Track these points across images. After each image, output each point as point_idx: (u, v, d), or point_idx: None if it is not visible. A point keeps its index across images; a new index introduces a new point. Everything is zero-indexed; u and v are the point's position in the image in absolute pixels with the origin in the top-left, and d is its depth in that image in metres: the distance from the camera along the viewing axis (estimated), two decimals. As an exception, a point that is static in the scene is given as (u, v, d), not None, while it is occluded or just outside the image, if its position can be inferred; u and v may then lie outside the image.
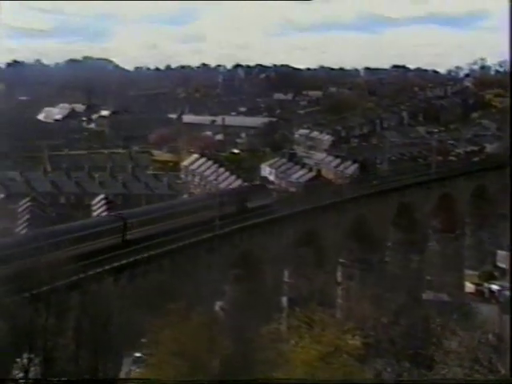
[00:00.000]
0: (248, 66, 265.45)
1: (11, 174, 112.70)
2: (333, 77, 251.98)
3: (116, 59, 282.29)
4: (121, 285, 53.31)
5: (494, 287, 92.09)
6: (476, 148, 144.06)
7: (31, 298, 43.18)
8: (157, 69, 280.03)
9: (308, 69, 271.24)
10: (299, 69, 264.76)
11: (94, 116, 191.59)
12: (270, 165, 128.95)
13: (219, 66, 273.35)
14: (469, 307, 72.88)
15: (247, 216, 70.93)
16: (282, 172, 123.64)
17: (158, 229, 61.78)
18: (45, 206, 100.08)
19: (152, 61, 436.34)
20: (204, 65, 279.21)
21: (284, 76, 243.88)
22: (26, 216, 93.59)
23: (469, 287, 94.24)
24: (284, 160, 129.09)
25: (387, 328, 52.19)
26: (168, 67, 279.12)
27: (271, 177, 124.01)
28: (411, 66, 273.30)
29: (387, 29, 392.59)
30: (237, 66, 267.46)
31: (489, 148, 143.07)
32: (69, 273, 46.83)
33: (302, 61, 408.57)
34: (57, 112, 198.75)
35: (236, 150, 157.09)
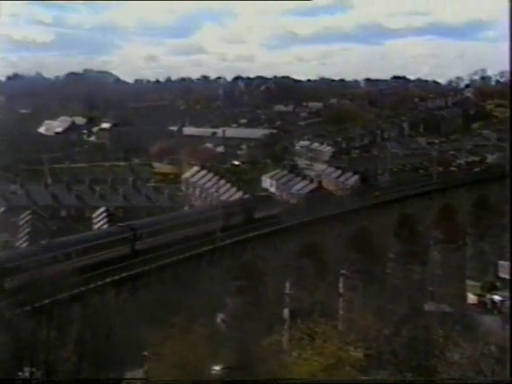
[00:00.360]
0: (248, 78, 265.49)
1: (12, 187, 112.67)
2: (333, 88, 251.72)
3: (116, 72, 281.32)
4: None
5: (497, 298, 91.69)
6: (477, 158, 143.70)
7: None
8: (157, 81, 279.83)
9: (308, 80, 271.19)
10: (300, 80, 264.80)
11: (95, 129, 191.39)
12: (271, 176, 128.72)
13: (219, 78, 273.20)
14: (471, 318, 72.61)
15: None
16: (283, 184, 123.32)
17: (168, 238, 63.10)
18: (45, 219, 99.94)
19: (152, 73, 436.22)
20: (204, 77, 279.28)
21: (284, 87, 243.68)
22: (27, 229, 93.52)
23: (471, 298, 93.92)
24: (285, 171, 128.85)
25: (389, 339, 52.02)
26: (168, 79, 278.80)
27: (272, 188, 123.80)
28: (411, 77, 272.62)
29: (387, 40, 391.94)
30: (237, 78, 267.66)
31: (490, 158, 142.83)
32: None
33: (303, 72, 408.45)
34: (57, 125, 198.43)
35: (237, 162, 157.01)
